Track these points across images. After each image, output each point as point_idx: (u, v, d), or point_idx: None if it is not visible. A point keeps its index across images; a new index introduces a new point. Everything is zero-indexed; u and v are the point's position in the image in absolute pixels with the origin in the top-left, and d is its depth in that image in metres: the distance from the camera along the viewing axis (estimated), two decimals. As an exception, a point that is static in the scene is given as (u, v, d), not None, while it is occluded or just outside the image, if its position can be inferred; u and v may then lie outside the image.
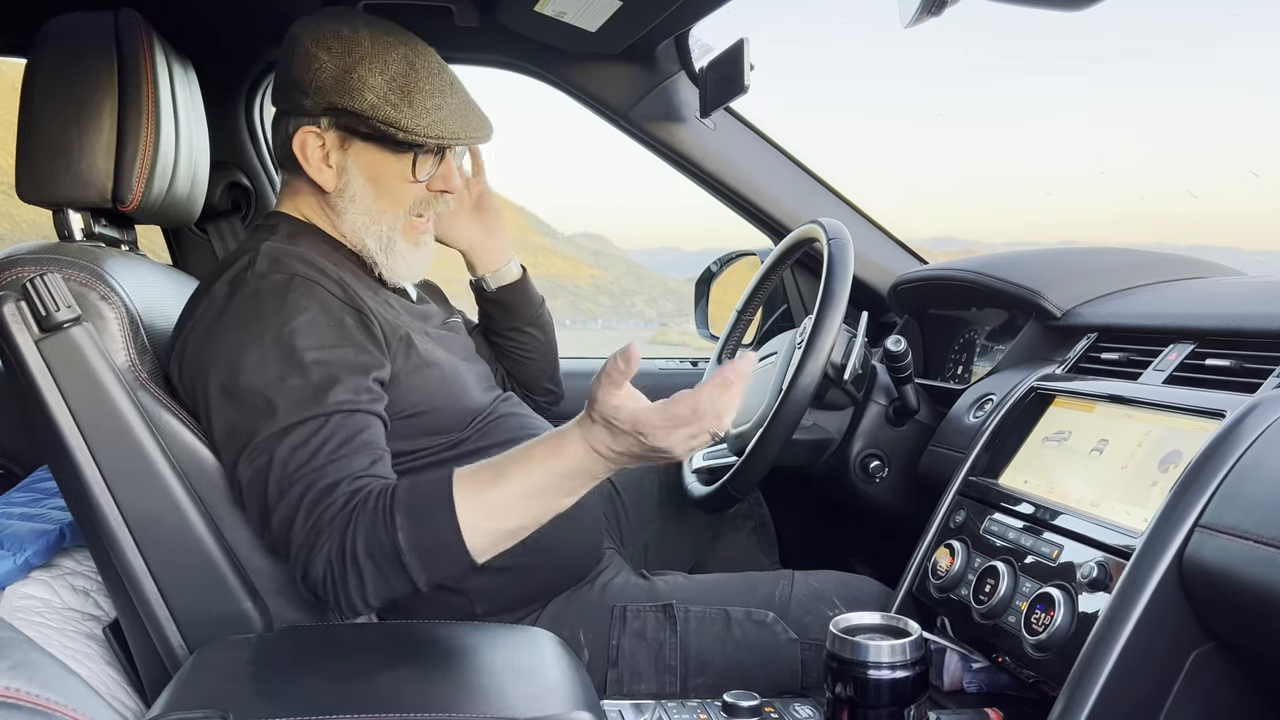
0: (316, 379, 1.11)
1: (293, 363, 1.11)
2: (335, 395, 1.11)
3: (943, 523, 1.27)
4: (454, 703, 0.91)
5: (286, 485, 1.08)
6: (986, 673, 1.15)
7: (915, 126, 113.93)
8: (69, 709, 0.40)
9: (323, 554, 1.06)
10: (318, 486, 1.07)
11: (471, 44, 1.85)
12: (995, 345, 1.69)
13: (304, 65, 1.21)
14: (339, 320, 1.16)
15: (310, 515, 1.07)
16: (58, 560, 1.35)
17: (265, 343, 1.12)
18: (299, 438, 1.09)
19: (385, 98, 1.19)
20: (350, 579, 1.06)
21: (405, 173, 1.25)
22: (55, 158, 1.22)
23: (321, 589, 1.08)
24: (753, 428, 1.47)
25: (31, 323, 1.08)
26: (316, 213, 1.28)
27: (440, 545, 1.06)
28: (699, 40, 1.86)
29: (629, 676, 1.27)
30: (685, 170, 1.95)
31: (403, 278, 1.31)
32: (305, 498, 1.07)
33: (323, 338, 1.14)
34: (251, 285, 1.15)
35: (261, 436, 1.10)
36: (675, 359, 2.20)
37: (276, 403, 1.10)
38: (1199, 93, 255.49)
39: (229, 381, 1.12)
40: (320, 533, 1.06)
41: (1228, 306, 1.20)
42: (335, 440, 1.10)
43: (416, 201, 1.28)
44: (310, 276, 1.17)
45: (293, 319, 1.13)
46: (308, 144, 1.23)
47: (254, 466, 1.10)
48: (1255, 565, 0.84)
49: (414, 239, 1.29)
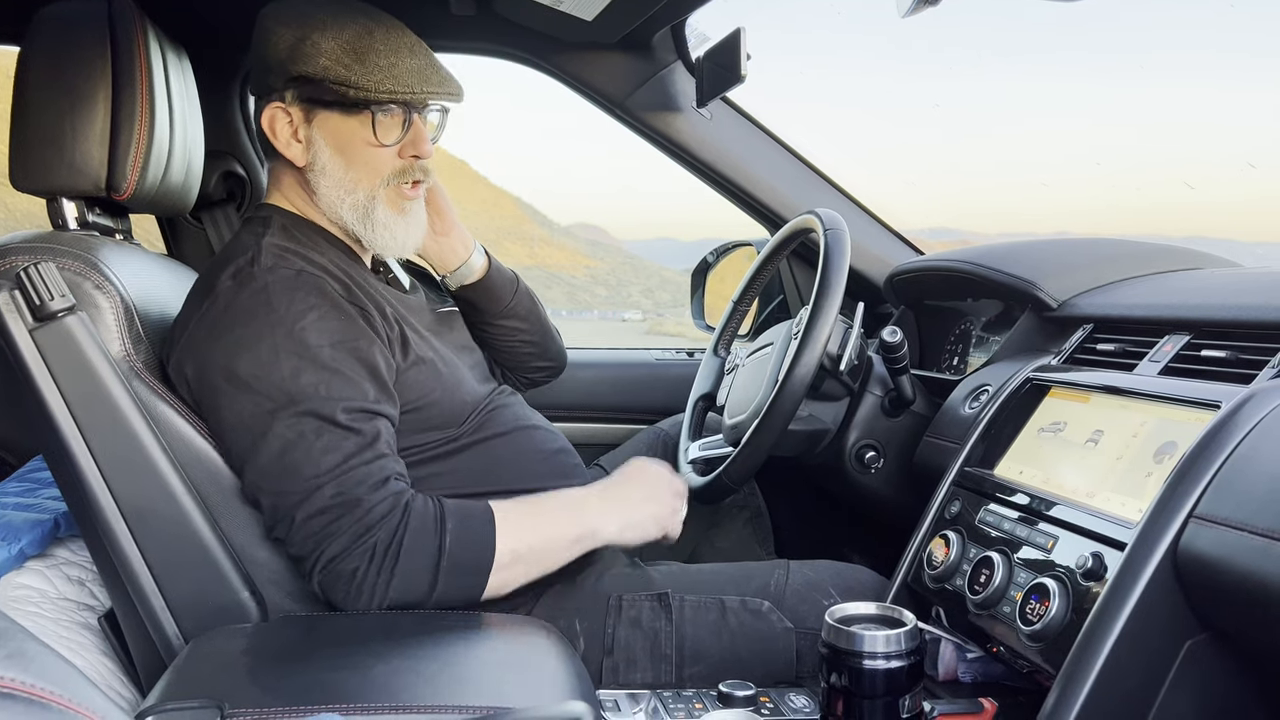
0: (331, 375, 1.13)
1: (307, 357, 1.12)
2: (350, 391, 1.13)
3: (938, 513, 1.27)
4: (449, 693, 0.91)
5: (317, 482, 1.10)
6: (981, 663, 1.15)
7: (912, 117, 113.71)
8: (65, 699, 0.40)
9: (365, 547, 1.09)
10: (363, 484, 1.11)
11: (467, 32, 1.84)
12: (991, 336, 1.69)
13: (263, 41, 1.23)
14: (348, 316, 1.18)
15: (354, 511, 1.10)
16: (53, 550, 1.35)
17: (278, 336, 1.13)
18: (321, 433, 1.11)
19: (338, 60, 1.19)
20: (382, 575, 1.10)
21: (368, 136, 1.24)
22: (49, 146, 1.21)
23: (348, 582, 1.10)
24: (749, 418, 1.47)
25: (25, 312, 1.07)
26: (302, 198, 1.28)
27: (474, 562, 1.14)
28: (696, 29, 1.85)
29: (625, 666, 1.28)
30: (682, 160, 1.94)
31: (392, 250, 1.30)
32: (344, 495, 1.10)
33: (334, 333, 1.15)
34: (260, 280, 1.16)
35: (279, 429, 1.11)
36: (671, 350, 2.20)
37: (295, 396, 1.11)
38: (1196, 84, 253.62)
39: (243, 373, 1.12)
40: (370, 528, 1.10)
41: (1224, 298, 1.20)
42: (361, 439, 1.13)
43: (393, 171, 1.26)
44: (315, 273, 1.18)
45: (305, 314, 1.14)
46: (276, 120, 1.24)
47: (269, 458, 1.11)
48: (1249, 556, 0.84)
49: (398, 206, 1.28)
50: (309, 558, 1.12)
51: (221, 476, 1.16)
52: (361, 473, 1.12)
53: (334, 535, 1.10)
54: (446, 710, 0.88)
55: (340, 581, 1.11)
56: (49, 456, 1.16)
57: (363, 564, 1.10)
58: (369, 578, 1.10)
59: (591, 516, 1.24)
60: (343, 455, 1.12)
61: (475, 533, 1.15)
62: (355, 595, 1.11)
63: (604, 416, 2.05)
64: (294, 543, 1.13)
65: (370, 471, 1.13)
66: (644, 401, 2.03)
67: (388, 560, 1.10)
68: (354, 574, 1.10)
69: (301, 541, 1.12)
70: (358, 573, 1.10)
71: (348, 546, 1.10)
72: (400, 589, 1.11)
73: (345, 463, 1.12)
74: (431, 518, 1.14)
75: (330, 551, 1.10)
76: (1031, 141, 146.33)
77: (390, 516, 1.12)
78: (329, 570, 1.11)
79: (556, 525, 1.22)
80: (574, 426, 1.94)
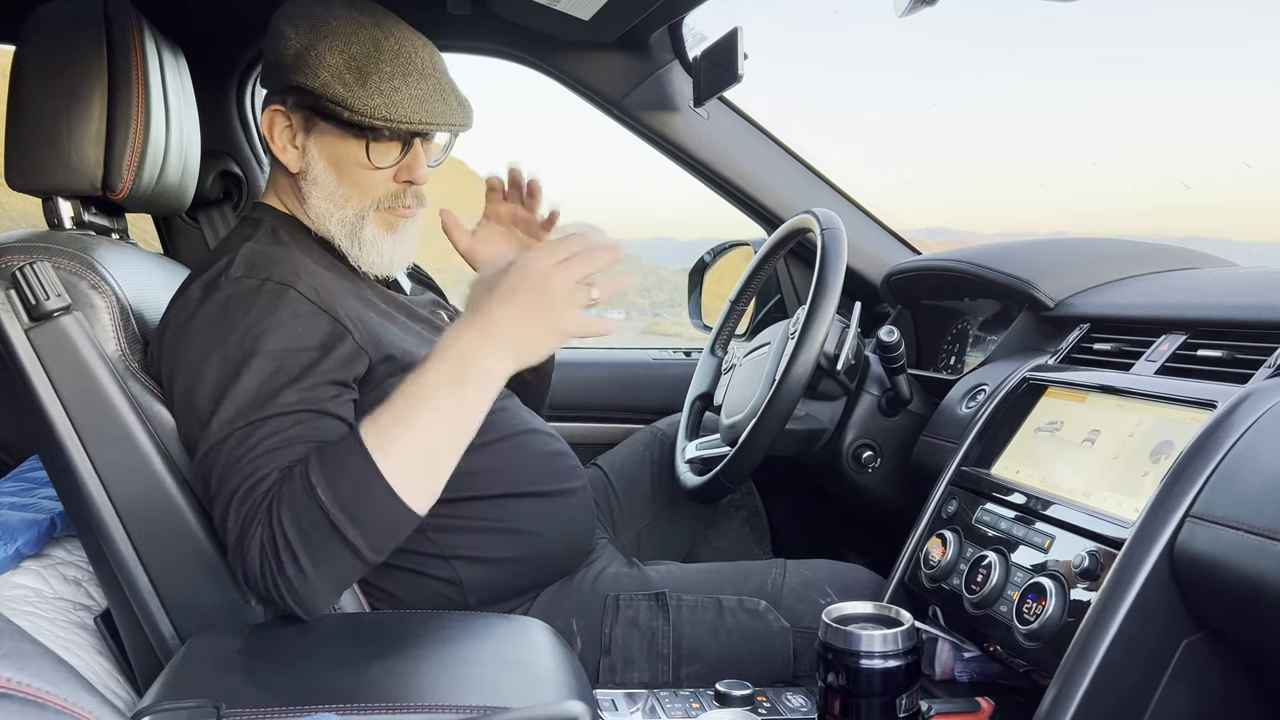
0: (270, 381, 1.08)
1: (250, 365, 1.08)
2: (285, 397, 1.08)
3: (935, 512, 1.28)
4: (446, 693, 0.91)
5: (223, 483, 1.05)
6: (978, 662, 1.15)
7: (909, 116, 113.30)
8: (61, 699, 0.40)
9: (255, 542, 1.02)
10: (250, 479, 1.04)
11: (464, 31, 1.84)
12: (988, 336, 1.69)
13: (273, 43, 1.21)
14: (309, 325, 1.13)
15: (241, 508, 1.04)
16: (49, 550, 1.35)
17: (228, 347, 1.09)
18: (242, 437, 1.06)
19: (338, 76, 1.16)
20: (285, 559, 1.01)
21: (362, 158, 1.20)
22: (44, 145, 1.21)
23: (261, 582, 1.03)
24: (746, 417, 1.48)
25: (21, 312, 1.07)
26: (294, 201, 1.27)
27: (365, 494, 1.02)
28: (693, 29, 1.85)
29: (622, 665, 1.28)
30: (679, 160, 1.94)
31: (379, 268, 1.26)
32: (238, 492, 1.04)
33: (286, 341, 1.10)
34: (224, 290, 1.13)
35: (212, 438, 1.07)
36: (669, 349, 2.20)
37: (227, 406, 1.07)
38: (1193, 83, 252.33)
39: (190, 388, 1.09)
40: (251, 522, 1.03)
41: (1220, 297, 1.20)
42: (276, 438, 1.06)
43: (385, 195, 1.23)
44: (285, 280, 1.13)
45: (257, 324, 1.10)
46: (275, 123, 1.22)
47: (204, 466, 1.08)
48: (1246, 555, 0.84)
49: (389, 225, 1.25)
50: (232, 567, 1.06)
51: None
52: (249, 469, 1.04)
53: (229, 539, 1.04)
54: (444, 710, 0.88)
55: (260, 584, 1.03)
56: (45, 456, 1.16)
57: (263, 559, 1.02)
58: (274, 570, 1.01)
59: (473, 371, 1.05)
60: (242, 453, 1.05)
61: (344, 462, 1.03)
62: (279, 591, 1.02)
63: (601, 416, 2.05)
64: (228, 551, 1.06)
65: (258, 466, 1.04)
66: (641, 401, 2.03)
67: (279, 544, 1.01)
68: (262, 572, 1.02)
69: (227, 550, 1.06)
70: (265, 569, 1.02)
71: (244, 549, 1.03)
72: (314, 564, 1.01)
73: (241, 461, 1.05)
74: (300, 479, 1.02)
75: (236, 558, 1.04)
76: (1028, 141, 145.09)
77: (263, 506, 1.03)
78: (248, 577, 1.04)
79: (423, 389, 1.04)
80: (571, 426, 1.94)
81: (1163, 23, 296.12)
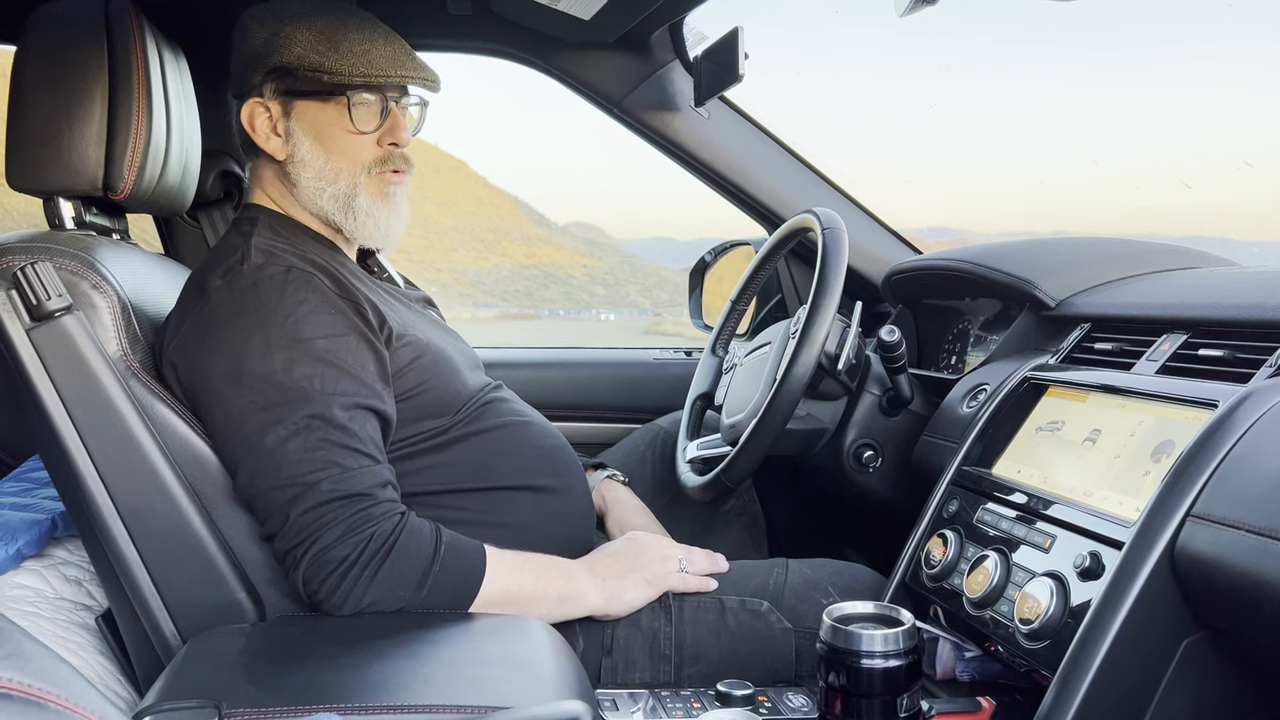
0: (326, 368, 1.13)
1: (299, 351, 1.13)
2: (345, 385, 1.13)
3: (936, 512, 1.28)
4: (447, 693, 0.91)
5: (315, 477, 1.10)
6: (979, 661, 1.15)
7: (910, 116, 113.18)
8: (62, 699, 0.40)
9: (361, 538, 1.09)
10: (364, 482, 1.11)
11: (465, 31, 1.84)
12: (989, 335, 1.69)
13: (241, 39, 1.26)
14: (339, 310, 1.17)
15: (355, 504, 1.10)
16: (50, 550, 1.35)
17: (270, 331, 1.13)
18: (316, 428, 1.11)
19: (312, 47, 1.22)
20: (369, 569, 1.09)
21: (346, 123, 1.24)
22: (45, 146, 1.21)
23: (333, 570, 1.09)
24: (747, 417, 1.47)
25: (22, 312, 1.07)
26: (284, 195, 1.29)
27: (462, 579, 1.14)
28: (693, 29, 1.85)
29: (623, 665, 1.28)
30: (679, 160, 1.94)
31: (375, 239, 1.31)
32: (342, 490, 1.10)
33: (327, 327, 1.15)
34: (249, 277, 1.16)
35: (274, 425, 1.11)
36: (669, 349, 2.20)
37: (289, 391, 1.11)
38: (1193, 83, 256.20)
39: (234, 368, 1.12)
40: (369, 521, 1.10)
41: (1221, 297, 1.20)
42: (358, 439, 1.13)
43: (374, 159, 1.27)
44: (305, 269, 1.18)
45: (296, 309, 1.14)
46: (255, 115, 1.26)
47: (264, 455, 1.11)
48: (1247, 555, 0.84)
49: (380, 192, 1.28)
50: (299, 548, 1.10)
51: (218, 476, 1.15)
52: (362, 473, 1.12)
53: (329, 525, 1.09)
54: (445, 710, 0.88)
55: (325, 570, 1.09)
56: (46, 456, 1.16)
57: (354, 553, 1.09)
58: (355, 569, 1.08)
59: (580, 582, 1.23)
60: (340, 452, 1.12)
61: (467, 557, 1.15)
62: (336, 585, 1.09)
63: (601, 416, 2.05)
64: (286, 536, 1.11)
65: (372, 473, 1.13)
66: (642, 401, 2.04)
67: (379, 556, 1.09)
68: (343, 561, 1.09)
69: (294, 534, 1.10)
70: (347, 560, 1.09)
71: (342, 535, 1.09)
72: (385, 587, 1.10)
73: (343, 460, 1.12)
74: (429, 529, 1.15)
75: (324, 540, 1.09)
76: (1029, 140, 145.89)
77: (390, 516, 1.12)
78: (318, 558, 1.09)
79: (546, 579, 1.20)
80: (572, 425, 1.94)
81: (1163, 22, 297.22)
